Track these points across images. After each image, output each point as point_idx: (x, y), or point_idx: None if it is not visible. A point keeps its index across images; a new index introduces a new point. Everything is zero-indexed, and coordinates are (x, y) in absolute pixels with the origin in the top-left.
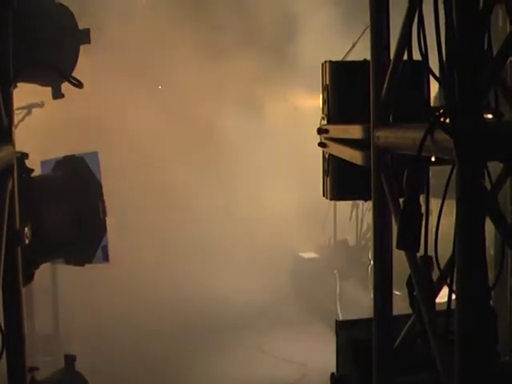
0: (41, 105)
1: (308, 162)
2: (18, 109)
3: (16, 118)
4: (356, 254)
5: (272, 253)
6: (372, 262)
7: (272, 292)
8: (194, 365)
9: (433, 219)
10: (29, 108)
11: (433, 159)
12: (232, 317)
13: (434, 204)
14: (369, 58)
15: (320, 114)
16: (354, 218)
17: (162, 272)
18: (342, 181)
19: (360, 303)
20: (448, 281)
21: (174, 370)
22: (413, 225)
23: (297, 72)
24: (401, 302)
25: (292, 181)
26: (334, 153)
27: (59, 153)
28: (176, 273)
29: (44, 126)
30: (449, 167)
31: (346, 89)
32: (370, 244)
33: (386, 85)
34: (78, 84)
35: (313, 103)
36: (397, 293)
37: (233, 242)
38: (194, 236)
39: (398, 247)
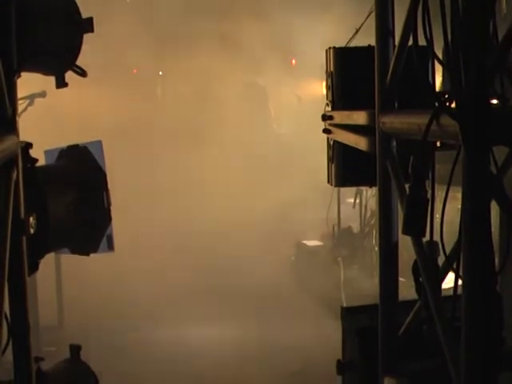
0: (43, 94)
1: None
2: (20, 99)
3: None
4: (360, 241)
5: (275, 240)
6: (376, 248)
7: (275, 279)
8: None
9: (438, 205)
10: (31, 98)
11: (438, 145)
12: (234, 305)
13: (439, 191)
14: (373, 43)
15: None
16: (358, 205)
17: (165, 263)
18: (346, 167)
19: (364, 290)
20: (454, 266)
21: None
22: (419, 210)
23: None
24: (406, 290)
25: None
26: (339, 139)
27: (62, 142)
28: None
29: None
30: (453, 154)
31: (350, 75)
32: (375, 231)
33: (390, 70)
34: (82, 73)
35: None
36: (402, 279)
37: (235, 229)
38: (197, 222)
39: (404, 232)
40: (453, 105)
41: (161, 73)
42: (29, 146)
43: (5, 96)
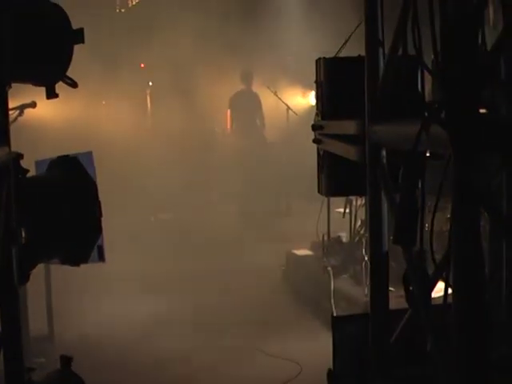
0: (33, 105)
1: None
2: (10, 109)
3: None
4: (350, 250)
5: (265, 249)
6: (366, 258)
7: (265, 289)
8: None
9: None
10: (21, 108)
11: (428, 154)
12: (225, 315)
13: (429, 201)
14: (362, 53)
15: None
16: (347, 214)
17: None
18: (336, 177)
19: (355, 300)
20: (444, 275)
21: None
22: (409, 220)
23: None
24: (394, 299)
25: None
26: (329, 149)
27: (52, 153)
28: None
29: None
30: (442, 164)
31: (340, 85)
32: (364, 240)
33: (380, 80)
34: (73, 83)
35: None
36: (391, 289)
37: (225, 237)
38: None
39: (395, 242)
40: (442, 114)
41: (151, 83)
42: (19, 156)
43: None
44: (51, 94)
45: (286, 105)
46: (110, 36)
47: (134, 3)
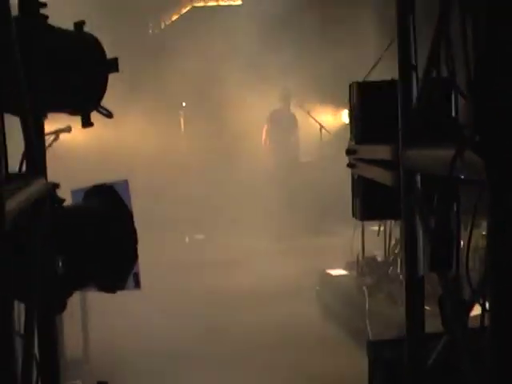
0: (68, 130)
1: None
2: (45, 134)
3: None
4: (385, 269)
5: (299, 269)
6: (401, 277)
7: (300, 311)
8: None
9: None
10: (56, 133)
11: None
12: (258, 336)
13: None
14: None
15: None
16: (382, 233)
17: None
18: (371, 201)
19: (390, 319)
20: (481, 300)
21: None
22: (445, 247)
23: None
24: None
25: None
26: (363, 174)
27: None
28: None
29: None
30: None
31: (373, 109)
32: (399, 259)
33: (414, 105)
34: (108, 114)
35: None
36: (427, 308)
37: (258, 258)
38: (215, 251)
39: (431, 270)
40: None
41: (184, 104)
42: (56, 186)
43: (32, 138)
44: (86, 123)
45: (320, 124)
46: (143, 56)
47: (166, 24)
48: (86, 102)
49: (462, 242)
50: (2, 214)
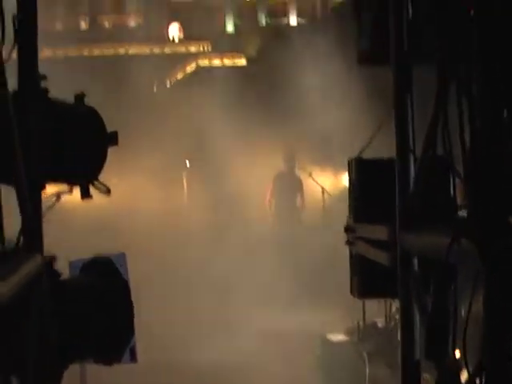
0: (69, 191)
1: None
2: (47, 196)
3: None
4: (386, 336)
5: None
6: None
7: (298, 377)
8: None
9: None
10: (58, 195)
11: None
12: None
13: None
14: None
15: None
16: (383, 300)
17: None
18: (368, 279)
19: None
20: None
21: None
22: (441, 334)
23: None
24: None
25: None
26: (361, 252)
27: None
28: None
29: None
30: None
31: (371, 187)
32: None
33: (411, 187)
34: (105, 190)
35: None
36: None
37: (260, 323)
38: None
39: (427, 357)
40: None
41: (188, 164)
42: (53, 259)
43: (28, 211)
44: (85, 195)
45: (322, 187)
46: (147, 114)
47: (172, 83)
48: (84, 174)
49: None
50: None
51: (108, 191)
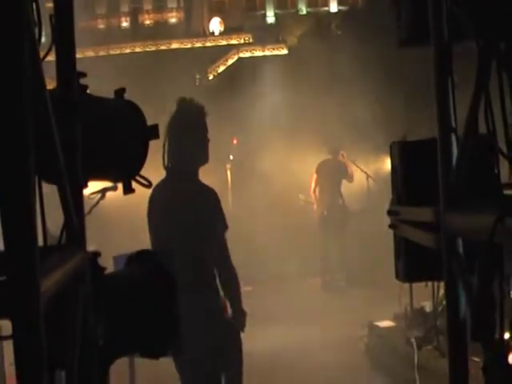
0: (114, 188)
1: None
2: (92, 193)
3: (90, 203)
4: (433, 321)
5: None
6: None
7: (347, 363)
8: None
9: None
10: (103, 192)
11: None
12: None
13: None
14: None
15: None
16: (430, 284)
17: None
18: (414, 262)
19: (439, 372)
20: None
21: None
22: (487, 314)
23: None
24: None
25: None
26: (405, 235)
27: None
28: None
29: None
30: None
31: (414, 169)
32: None
33: (454, 167)
34: (147, 184)
35: None
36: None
37: (305, 308)
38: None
39: (473, 339)
40: None
41: (231, 157)
42: (96, 255)
43: (71, 209)
44: (128, 190)
45: (366, 173)
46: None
47: (212, 76)
48: (126, 169)
49: None
50: (37, 294)
51: (150, 185)
